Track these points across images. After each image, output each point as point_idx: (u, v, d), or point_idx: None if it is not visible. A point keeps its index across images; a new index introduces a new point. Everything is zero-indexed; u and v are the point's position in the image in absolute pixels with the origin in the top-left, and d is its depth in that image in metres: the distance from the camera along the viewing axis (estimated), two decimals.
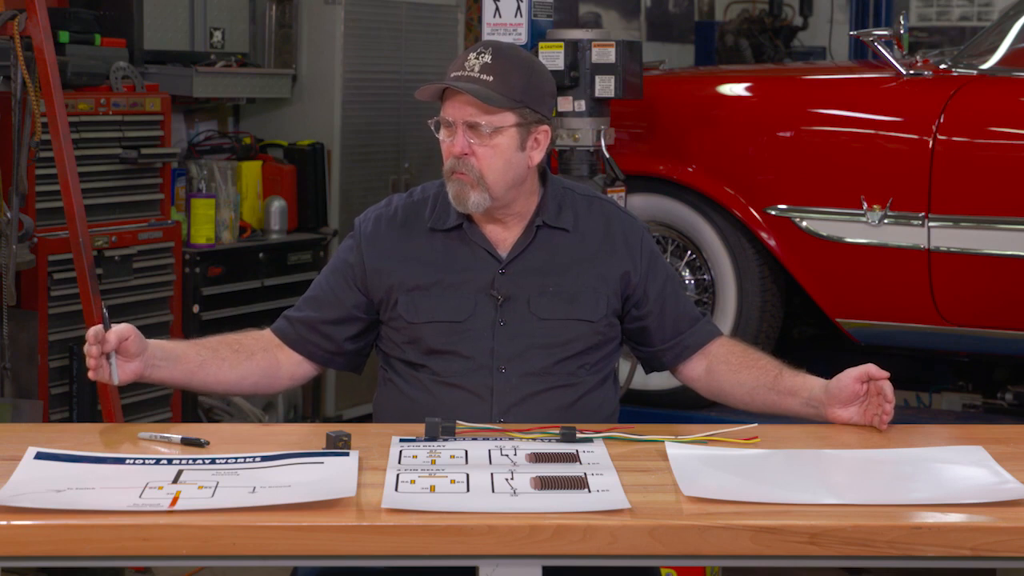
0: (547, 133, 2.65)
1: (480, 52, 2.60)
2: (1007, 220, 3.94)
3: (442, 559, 1.99)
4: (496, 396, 2.62)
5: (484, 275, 2.66)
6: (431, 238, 2.69)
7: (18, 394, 4.42)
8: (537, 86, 2.63)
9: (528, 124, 2.61)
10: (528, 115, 2.61)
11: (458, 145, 2.59)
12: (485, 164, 2.59)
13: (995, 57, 4.14)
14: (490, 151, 2.59)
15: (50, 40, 4.00)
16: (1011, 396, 4.32)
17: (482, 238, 2.68)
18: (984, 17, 8.87)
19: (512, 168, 2.61)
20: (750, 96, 4.55)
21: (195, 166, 5.27)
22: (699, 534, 1.99)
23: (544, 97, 2.65)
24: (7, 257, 4.12)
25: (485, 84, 2.57)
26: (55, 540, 1.96)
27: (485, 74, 2.57)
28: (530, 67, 2.64)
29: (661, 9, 8.81)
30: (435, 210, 2.71)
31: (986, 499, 2.09)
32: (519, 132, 2.61)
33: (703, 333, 2.77)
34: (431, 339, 2.65)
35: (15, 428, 3.23)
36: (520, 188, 2.65)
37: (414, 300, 2.66)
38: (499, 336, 2.64)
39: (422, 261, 2.68)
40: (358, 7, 5.80)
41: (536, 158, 2.65)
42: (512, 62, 2.61)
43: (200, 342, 2.69)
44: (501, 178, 2.61)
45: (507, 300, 2.65)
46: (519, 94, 2.59)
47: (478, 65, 2.58)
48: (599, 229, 2.73)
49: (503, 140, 2.59)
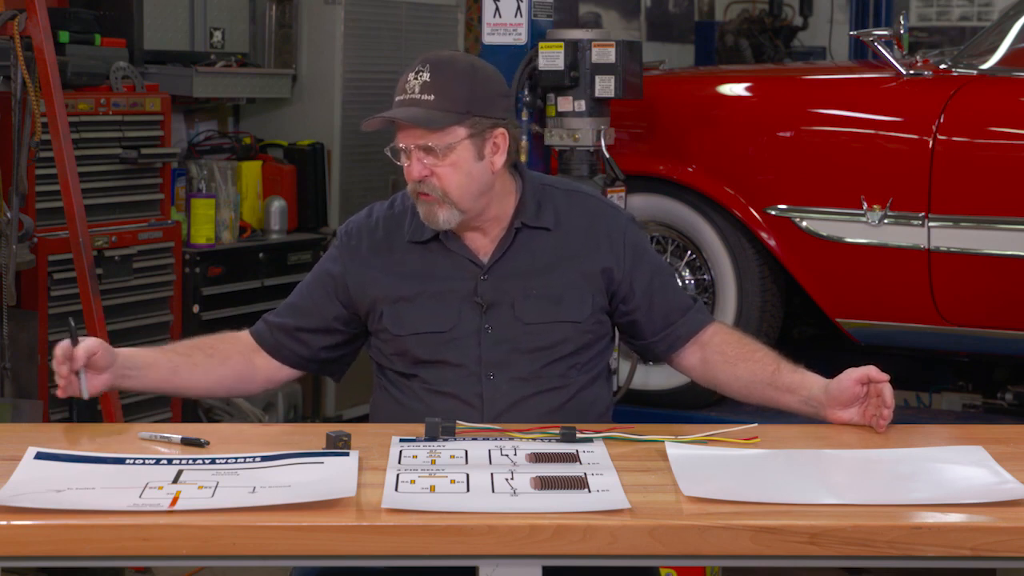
0: (504, 135, 2.60)
1: (418, 71, 2.55)
2: (1007, 220, 3.94)
3: (442, 559, 1.99)
4: (486, 403, 2.61)
5: (466, 283, 2.64)
6: (411, 250, 2.68)
7: (18, 394, 4.42)
8: (483, 91, 2.59)
9: (481, 132, 2.57)
10: (479, 123, 2.57)
11: (415, 170, 2.57)
12: (446, 182, 2.57)
13: (995, 57, 4.14)
14: (448, 169, 2.56)
15: (50, 40, 4.00)
16: (1011, 396, 4.32)
17: (461, 246, 2.66)
18: (984, 17, 8.87)
19: (475, 180, 2.59)
20: (750, 96, 4.55)
21: (195, 166, 5.27)
22: (699, 534, 1.99)
23: (494, 99, 2.61)
24: (7, 257, 4.12)
25: (427, 105, 2.53)
26: (55, 540, 1.96)
27: (425, 94, 2.54)
28: (471, 74, 2.59)
29: (661, 9, 8.81)
30: (413, 222, 2.69)
31: (986, 499, 2.09)
32: (473, 143, 2.57)
33: (694, 322, 2.74)
34: (418, 350, 2.64)
35: (15, 428, 3.23)
36: (489, 194, 2.62)
37: (398, 312, 2.65)
38: (485, 343, 2.62)
39: (404, 274, 2.66)
40: (358, 7, 5.80)
41: (499, 163, 2.61)
42: (451, 74, 2.56)
43: (173, 348, 2.69)
44: (466, 192, 2.58)
45: (491, 306, 2.63)
46: (464, 105, 2.55)
47: (417, 86, 2.54)
48: (581, 225, 2.70)
49: (458, 155, 2.56)
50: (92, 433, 2.51)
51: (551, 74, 4.18)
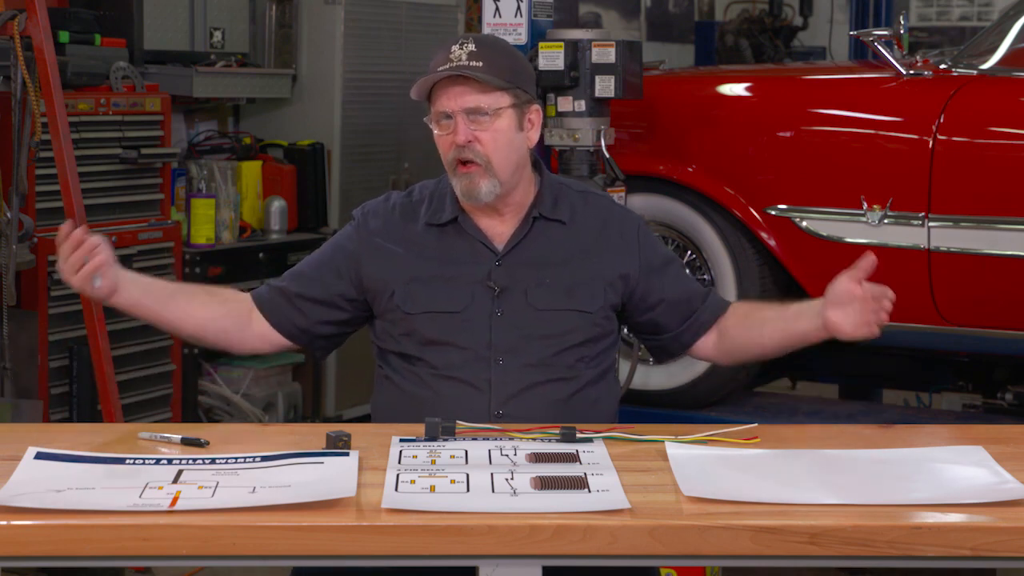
0: (539, 112, 2.72)
1: (463, 43, 2.64)
2: (1007, 220, 3.94)
3: (442, 559, 1.99)
4: (494, 388, 2.62)
5: (480, 267, 2.68)
6: (427, 233, 2.72)
7: (18, 394, 4.42)
8: (522, 68, 2.72)
9: (522, 104, 2.68)
10: (521, 95, 2.67)
11: (461, 134, 2.62)
12: (491, 148, 2.62)
13: (995, 57, 4.14)
14: (493, 135, 2.63)
15: (50, 40, 4.00)
16: (1011, 396, 4.32)
17: (477, 231, 2.70)
18: (984, 17, 8.87)
19: (515, 150, 2.66)
20: (750, 96, 4.54)
21: (195, 166, 5.27)
22: (699, 534, 1.99)
23: (530, 78, 2.73)
24: (7, 257, 4.12)
25: (476, 70, 2.61)
26: (55, 540, 1.96)
27: (473, 60, 2.62)
28: (512, 51, 2.73)
29: (661, 9, 8.81)
30: (431, 206, 2.73)
31: (986, 499, 2.09)
32: (515, 113, 2.66)
33: (716, 306, 2.80)
34: (427, 330, 2.66)
35: (15, 428, 3.23)
36: (522, 172, 2.69)
37: (411, 291, 2.67)
38: (496, 327, 2.65)
39: (419, 255, 2.70)
40: (358, 7, 5.80)
41: (534, 138, 2.71)
42: (495, 48, 2.67)
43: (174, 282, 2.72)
44: (506, 161, 2.64)
45: (504, 291, 2.66)
46: (509, 75, 2.64)
47: (464, 55, 2.62)
48: (595, 224, 2.75)
49: (503, 122, 2.64)
50: (92, 433, 2.51)
51: (551, 74, 4.18)
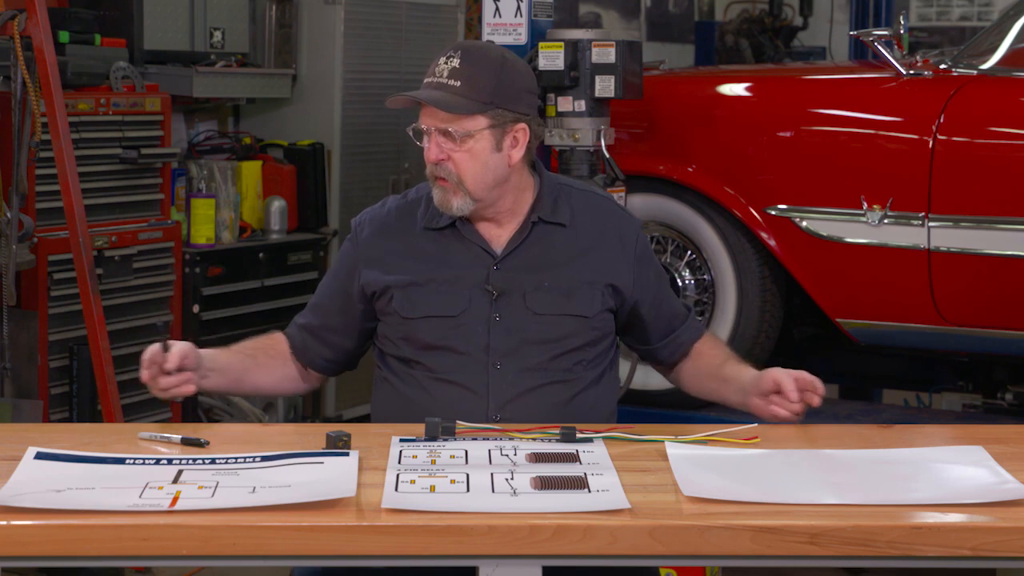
0: (525, 131, 2.64)
1: (449, 56, 2.60)
2: (1007, 220, 3.94)
3: (442, 559, 1.99)
4: (492, 392, 2.62)
5: (478, 271, 2.67)
6: (425, 236, 2.71)
7: (18, 394, 4.42)
8: (509, 85, 2.62)
9: (503, 124, 2.61)
10: (501, 115, 2.60)
11: (433, 152, 2.61)
12: (462, 168, 2.60)
13: (995, 57, 4.14)
14: (465, 155, 2.60)
15: (50, 40, 4.00)
16: (1011, 396, 4.32)
17: (476, 235, 2.69)
18: (984, 17, 8.86)
19: (490, 170, 2.62)
20: (750, 96, 4.54)
21: (195, 166, 5.27)
22: (699, 534, 1.99)
23: (520, 94, 2.64)
24: (7, 257, 4.12)
25: (452, 90, 2.57)
26: (55, 540, 1.96)
27: (452, 79, 2.58)
28: (500, 67, 2.62)
29: (661, 9, 8.81)
30: (428, 209, 2.72)
31: (986, 499, 2.09)
32: (493, 134, 2.60)
33: (694, 330, 2.84)
34: (425, 334, 2.65)
35: (15, 428, 3.24)
36: (504, 186, 2.66)
37: (409, 296, 2.67)
38: (494, 331, 2.64)
39: (417, 258, 2.69)
40: (358, 7, 5.80)
41: (516, 156, 2.64)
42: (481, 64, 2.60)
43: (239, 349, 2.75)
44: (480, 181, 2.61)
45: (502, 295, 2.66)
46: (488, 96, 2.58)
47: (446, 70, 2.59)
48: (595, 224, 2.74)
49: (477, 144, 2.60)
50: (92, 433, 2.51)
51: (551, 74, 4.18)
